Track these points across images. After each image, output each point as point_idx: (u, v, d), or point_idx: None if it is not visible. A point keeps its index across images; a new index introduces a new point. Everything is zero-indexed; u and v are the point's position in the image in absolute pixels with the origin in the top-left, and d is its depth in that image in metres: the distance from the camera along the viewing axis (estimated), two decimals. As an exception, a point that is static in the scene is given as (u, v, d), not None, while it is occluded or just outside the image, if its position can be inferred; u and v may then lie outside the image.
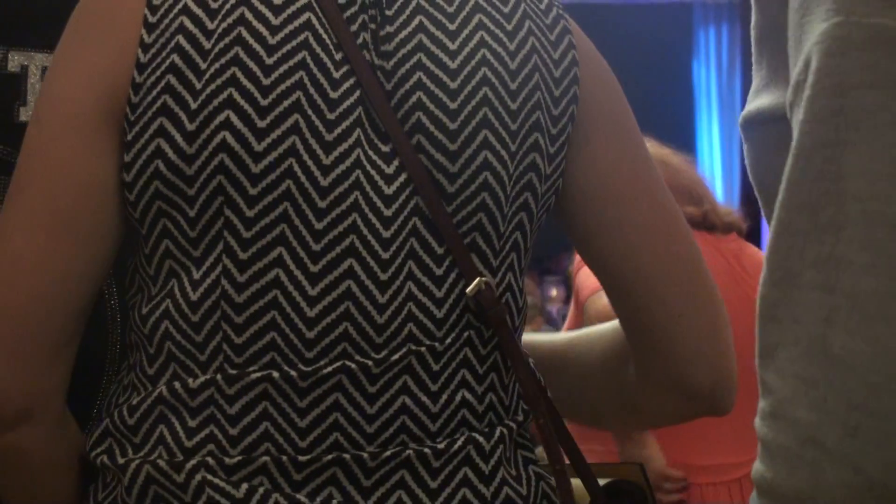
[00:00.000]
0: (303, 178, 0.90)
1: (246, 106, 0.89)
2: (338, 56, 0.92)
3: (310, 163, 0.90)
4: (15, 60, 1.09)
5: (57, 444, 0.97)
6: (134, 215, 0.93)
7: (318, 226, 0.91)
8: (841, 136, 0.53)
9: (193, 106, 0.90)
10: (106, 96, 0.92)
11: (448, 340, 0.94)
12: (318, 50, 0.92)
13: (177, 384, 0.92)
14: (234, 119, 0.89)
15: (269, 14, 0.92)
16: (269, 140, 0.90)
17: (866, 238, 0.52)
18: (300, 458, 0.90)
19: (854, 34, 0.53)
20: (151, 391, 0.93)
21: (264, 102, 0.90)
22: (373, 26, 0.95)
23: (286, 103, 0.90)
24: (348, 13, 0.94)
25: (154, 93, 0.90)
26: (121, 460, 0.92)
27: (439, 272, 0.93)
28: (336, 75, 0.92)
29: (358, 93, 0.92)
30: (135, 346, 0.96)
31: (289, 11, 0.92)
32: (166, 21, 0.92)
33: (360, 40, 0.93)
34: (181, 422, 0.91)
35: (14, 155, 1.00)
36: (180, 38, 0.91)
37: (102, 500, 0.94)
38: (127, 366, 0.98)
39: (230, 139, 0.89)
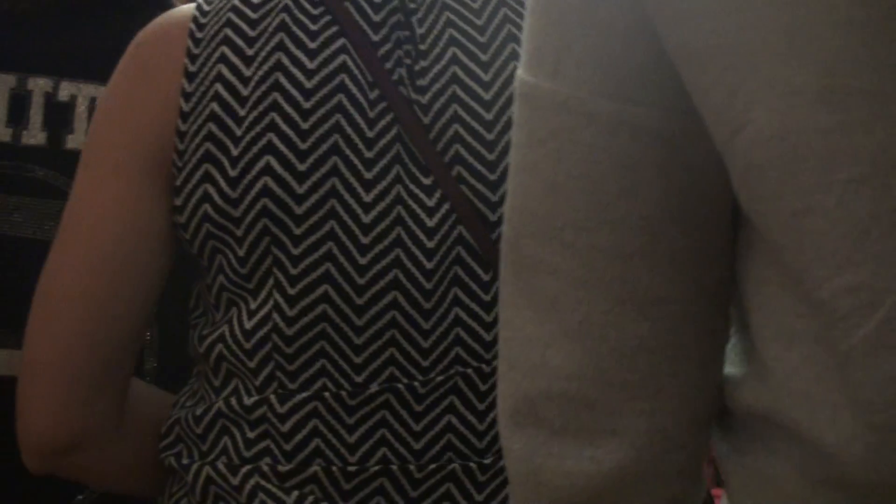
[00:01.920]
0: (345, 217, 0.93)
1: (286, 151, 0.93)
2: (373, 95, 0.95)
3: (351, 202, 0.94)
4: (65, 90, 1.16)
5: (119, 459, 1.02)
6: (192, 251, 0.98)
7: (362, 261, 0.94)
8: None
9: (235, 152, 0.93)
10: (153, 145, 0.96)
11: (496, 362, 0.95)
12: (354, 91, 0.94)
13: (233, 400, 0.96)
14: (275, 164, 0.93)
15: (304, 59, 0.94)
16: (309, 183, 0.93)
17: None
18: (349, 468, 0.95)
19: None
20: (212, 404, 0.98)
21: (303, 146, 0.93)
22: (408, 61, 0.96)
23: (324, 146, 0.93)
24: (383, 50, 0.96)
25: (197, 140, 0.94)
26: (185, 461, 0.98)
27: (487, 298, 0.96)
28: (372, 114, 0.94)
29: (396, 129, 0.95)
30: (198, 359, 1.01)
31: (324, 55, 0.95)
32: (205, 69, 0.95)
33: (395, 76, 0.95)
34: (241, 434, 0.96)
35: (60, 179, 1.07)
36: (219, 87, 0.94)
37: (175, 493, 1.00)
38: (196, 372, 1.03)
39: (272, 184, 0.93)
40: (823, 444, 0.56)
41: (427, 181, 0.95)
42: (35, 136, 1.14)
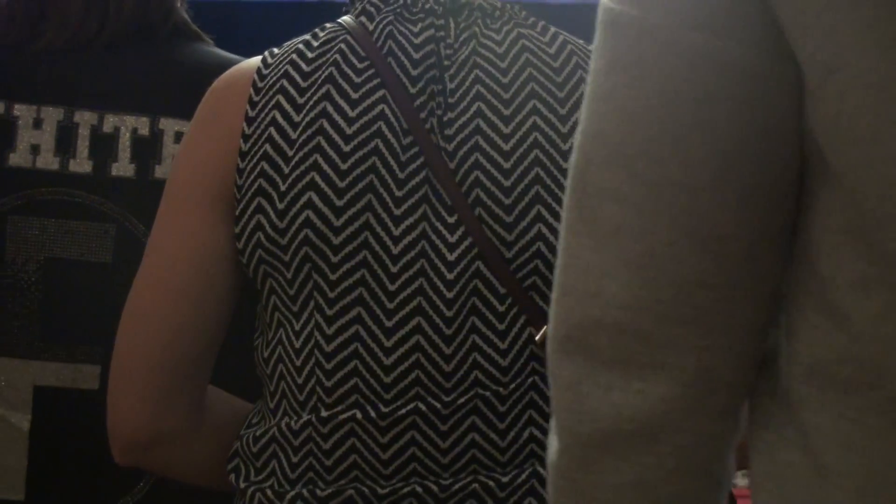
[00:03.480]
0: (377, 248, 1.05)
1: (326, 188, 1.05)
2: (406, 140, 1.06)
3: (382, 234, 1.05)
4: (110, 122, 1.26)
5: (198, 457, 1.14)
6: (249, 274, 1.10)
7: (391, 287, 1.05)
8: None
9: (283, 188, 1.05)
10: (218, 179, 1.09)
11: (513, 385, 1.06)
12: (389, 136, 1.06)
13: (283, 424, 1.08)
14: (316, 200, 1.05)
15: (347, 107, 1.06)
16: (346, 216, 1.05)
17: None
18: (380, 490, 1.05)
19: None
20: (269, 427, 1.09)
21: (342, 185, 1.05)
22: (439, 112, 1.07)
23: (360, 185, 1.05)
24: (418, 101, 1.07)
25: (252, 176, 1.07)
26: (242, 484, 1.10)
27: (501, 327, 1.05)
28: (404, 158, 1.06)
29: (424, 172, 1.06)
30: (262, 379, 1.13)
31: (365, 104, 1.07)
32: (262, 115, 1.08)
33: (428, 125, 1.07)
34: (287, 458, 1.08)
35: (106, 205, 1.22)
36: (272, 130, 1.07)
37: None
38: (263, 392, 1.14)
39: (313, 217, 1.05)
40: None
41: (451, 219, 1.06)
42: (81, 164, 1.23)
